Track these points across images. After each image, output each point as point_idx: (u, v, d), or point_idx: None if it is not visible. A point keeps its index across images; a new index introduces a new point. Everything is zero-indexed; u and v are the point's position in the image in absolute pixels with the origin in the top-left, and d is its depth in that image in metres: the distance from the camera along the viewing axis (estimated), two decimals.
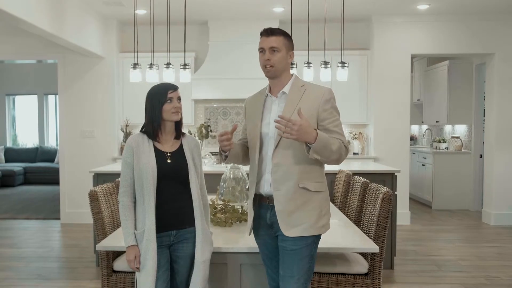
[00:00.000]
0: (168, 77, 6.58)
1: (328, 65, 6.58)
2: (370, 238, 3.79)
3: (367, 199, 4.20)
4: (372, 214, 3.96)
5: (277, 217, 2.93)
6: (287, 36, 3.00)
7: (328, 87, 3.06)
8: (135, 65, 6.70)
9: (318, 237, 3.02)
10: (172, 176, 3.11)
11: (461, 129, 10.60)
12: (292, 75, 3.09)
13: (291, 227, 2.91)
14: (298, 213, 2.92)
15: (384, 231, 3.76)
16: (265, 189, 3.02)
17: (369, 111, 8.85)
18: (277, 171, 2.94)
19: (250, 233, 3.18)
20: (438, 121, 10.78)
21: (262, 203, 3.06)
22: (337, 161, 2.91)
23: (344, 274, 3.69)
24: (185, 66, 6.81)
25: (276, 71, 2.98)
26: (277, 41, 2.95)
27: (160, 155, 3.11)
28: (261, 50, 2.98)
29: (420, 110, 12.19)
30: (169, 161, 3.12)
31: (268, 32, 2.98)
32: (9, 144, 15.77)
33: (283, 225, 2.92)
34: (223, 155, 3.11)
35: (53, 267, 6.27)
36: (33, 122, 15.90)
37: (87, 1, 7.57)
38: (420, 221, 8.88)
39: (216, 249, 3.32)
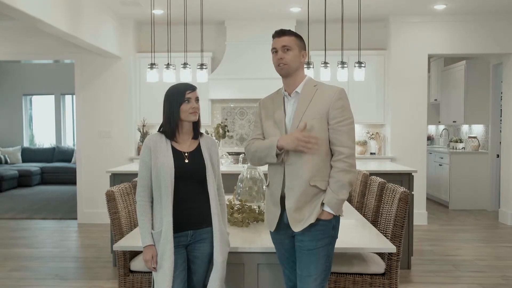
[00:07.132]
0: (185, 77, 6.58)
1: (345, 65, 6.56)
2: (387, 238, 3.77)
3: (384, 199, 4.19)
4: (389, 214, 3.95)
5: (287, 214, 2.96)
6: (298, 37, 3.06)
7: (341, 87, 3.05)
8: (152, 65, 6.71)
9: (334, 237, 3.03)
10: (190, 176, 3.12)
11: (478, 129, 10.52)
12: (306, 75, 3.12)
13: (298, 222, 2.94)
14: (305, 208, 2.94)
15: (401, 231, 3.75)
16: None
17: (386, 111, 8.81)
18: (291, 171, 2.96)
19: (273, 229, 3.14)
20: (455, 121, 10.71)
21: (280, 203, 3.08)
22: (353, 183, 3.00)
23: (361, 274, 3.69)
24: (202, 66, 6.81)
25: (289, 69, 3.02)
26: (288, 40, 3.01)
27: (178, 155, 3.12)
28: (274, 51, 3.03)
29: (437, 110, 12.12)
30: (187, 161, 3.12)
31: (279, 33, 3.04)
32: (26, 144, 15.88)
33: (292, 221, 2.94)
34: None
35: (70, 267, 6.32)
36: (50, 122, 16.01)
37: (104, 1, 7.61)
38: (437, 221, 8.82)
39: (233, 249, 3.32)
